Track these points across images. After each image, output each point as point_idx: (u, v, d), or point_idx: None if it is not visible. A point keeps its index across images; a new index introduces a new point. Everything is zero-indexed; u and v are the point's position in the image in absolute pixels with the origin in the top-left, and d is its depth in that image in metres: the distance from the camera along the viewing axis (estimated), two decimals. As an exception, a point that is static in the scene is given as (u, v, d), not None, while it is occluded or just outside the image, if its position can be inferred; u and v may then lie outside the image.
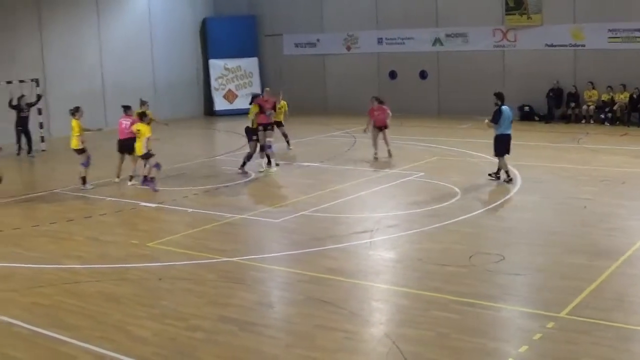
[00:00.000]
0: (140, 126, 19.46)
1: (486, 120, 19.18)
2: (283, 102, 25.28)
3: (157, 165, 19.56)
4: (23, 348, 9.68)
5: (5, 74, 28.23)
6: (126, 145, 20.10)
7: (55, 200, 18.94)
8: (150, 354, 9.33)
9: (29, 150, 26.97)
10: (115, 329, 10.19)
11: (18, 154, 26.79)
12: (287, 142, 25.61)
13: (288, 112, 25.67)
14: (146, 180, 19.65)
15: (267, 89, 23.09)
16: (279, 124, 25.07)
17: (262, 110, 21.34)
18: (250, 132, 21.47)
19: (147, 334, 10.00)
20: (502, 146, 18.91)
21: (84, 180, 19.98)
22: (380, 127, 23.13)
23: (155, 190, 19.24)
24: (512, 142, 18.83)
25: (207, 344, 9.61)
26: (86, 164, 19.98)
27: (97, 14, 33.41)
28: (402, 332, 9.77)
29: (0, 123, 27.40)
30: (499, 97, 19.07)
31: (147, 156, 19.37)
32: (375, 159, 22.92)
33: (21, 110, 26.93)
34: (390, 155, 22.92)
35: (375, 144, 23.18)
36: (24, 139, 27.04)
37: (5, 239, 15.26)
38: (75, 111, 19.96)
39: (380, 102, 23.41)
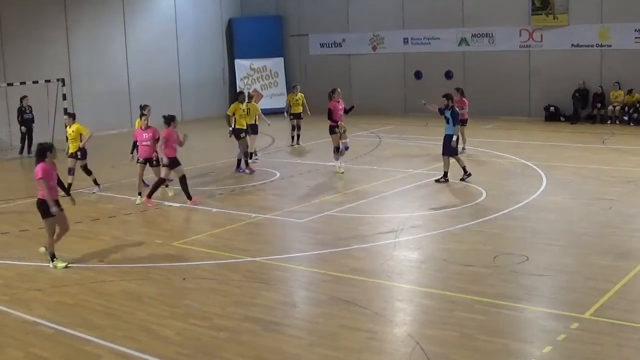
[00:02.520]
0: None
1: (454, 137, 19.17)
2: (300, 95, 26.36)
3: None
4: (48, 347, 9.74)
5: (32, 73, 28.45)
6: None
7: (80, 200, 19.01)
8: (174, 353, 9.37)
9: (29, 151, 26.62)
10: (139, 329, 10.25)
11: (20, 153, 27.03)
12: (298, 136, 26.25)
13: (307, 106, 26.79)
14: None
15: (338, 89, 21.90)
16: (297, 116, 25.50)
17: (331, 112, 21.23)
18: (237, 132, 21.81)
19: (171, 333, 10.04)
20: (456, 146, 19.25)
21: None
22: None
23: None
24: (537, 142, 18.74)
25: (231, 344, 9.64)
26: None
27: (123, 13, 33.59)
28: (425, 333, 9.76)
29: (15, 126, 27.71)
30: (451, 98, 19.45)
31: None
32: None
33: (24, 112, 26.98)
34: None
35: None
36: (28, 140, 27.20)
37: (30, 239, 15.38)
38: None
39: (462, 94, 23.37)
